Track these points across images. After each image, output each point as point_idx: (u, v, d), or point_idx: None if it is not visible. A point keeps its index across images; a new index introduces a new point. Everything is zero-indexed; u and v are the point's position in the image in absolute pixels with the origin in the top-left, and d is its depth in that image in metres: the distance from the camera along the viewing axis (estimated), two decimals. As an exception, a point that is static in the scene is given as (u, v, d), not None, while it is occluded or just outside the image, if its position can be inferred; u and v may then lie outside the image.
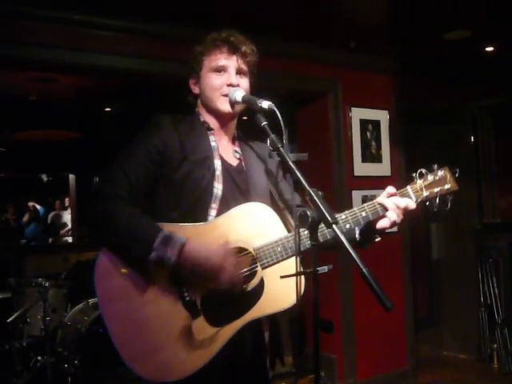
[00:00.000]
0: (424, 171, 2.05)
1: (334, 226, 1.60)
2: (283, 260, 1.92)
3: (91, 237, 2.00)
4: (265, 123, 1.91)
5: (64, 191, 11.37)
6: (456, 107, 6.19)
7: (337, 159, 5.03)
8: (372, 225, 2.01)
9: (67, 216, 11.41)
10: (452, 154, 6.01)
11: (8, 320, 4.79)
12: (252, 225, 1.96)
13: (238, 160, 2.15)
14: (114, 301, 1.87)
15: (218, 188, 2.01)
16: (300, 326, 4.08)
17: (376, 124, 5.24)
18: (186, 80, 2.18)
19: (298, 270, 1.71)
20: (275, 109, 1.87)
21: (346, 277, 4.83)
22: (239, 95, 2.01)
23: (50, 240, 11.13)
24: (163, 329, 1.85)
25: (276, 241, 1.93)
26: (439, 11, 4.15)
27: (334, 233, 1.59)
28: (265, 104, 1.89)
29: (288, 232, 1.98)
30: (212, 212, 1.98)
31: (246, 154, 2.18)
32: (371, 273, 1.50)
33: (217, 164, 2.04)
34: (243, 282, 1.89)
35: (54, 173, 11.58)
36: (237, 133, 2.21)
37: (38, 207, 11.67)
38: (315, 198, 1.65)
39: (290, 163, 1.78)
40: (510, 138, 6.07)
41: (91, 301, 4.82)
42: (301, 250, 1.88)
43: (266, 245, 1.92)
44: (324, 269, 1.64)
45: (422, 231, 6.76)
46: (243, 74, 2.10)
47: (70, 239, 10.82)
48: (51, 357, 4.63)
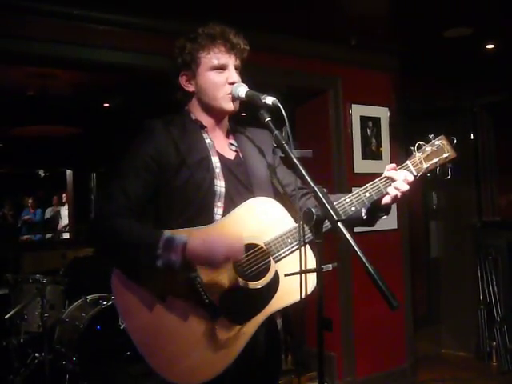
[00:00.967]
0: (421, 143, 2.06)
1: (339, 224, 1.58)
2: (295, 250, 1.92)
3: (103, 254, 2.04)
4: (268, 119, 1.89)
5: (61, 187, 11.35)
6: (456, 105, 6.18)
7: (337, 156, 5.01)
8: (377, 203, 2.03)
9: (64, 212, 11.38)
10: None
11: (5, 316, 4.76)
12: (259, 220, 1.97)
13: (235, 152, 2.14)
14: (135, 313, 1.89)
15: (221, 186, 1.99)
16: (300, 324, 4.07)
17: (376, 121, 5.22)
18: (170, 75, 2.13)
19: (303, 268, 1.69)
20: (279, 104, 1.86)
21: (346, 275, 4.83)
22: (242, 91, 1.99)
23: (48, 236, 11.11)
24: (187, 333, 1.88)
25: (285, 232, 1.94)
26: (440, 8, 4.13)
27: (340, 231, 1.57)
28: (269, 100, 1.88)
29: (295, 221, 1.98)
30: (219, 211, 1.97)
31: (242, 145, 2.16)
32: (377, 271, 1.48)
33: (215, 162, 2.03)
34: (257, 278, 1.91)
35: (52, 168, 11.56)
36: (230, 125, 2.19)
37: (32, 216, 11.65)
38: (320, 195, 1.64)
39: (295, 159, 1.76)
40: (510, 136, 6.06)
41: (89, 297, 4.81)
42: (308, 242, 1.87)
43: (276, 238, 1.93)
44: (329, 267, 1.63)
45: (421, 229, 6.74)
46: (237, 70, 2.08)
47: (68, 235, 10.78)
48: (49, 353, 4.60)
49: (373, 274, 1.46)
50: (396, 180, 1.98)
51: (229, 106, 2.04)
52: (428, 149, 2.05)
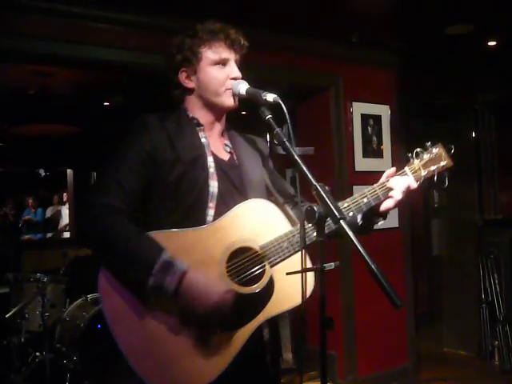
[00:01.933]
0: (419, 150, 2.05)
1: (342, 222, 1.56)
2: (291, 255, 1.87)
3: (93, 253, 1.92)
4: (269, 116, 1.87)
5: (62, 186, 11.34)
6: (457, 102, 6.16)
7: (338, 154, 5.00)
8: (374, 208, 2.00)
9: (65, 211, 11.38)
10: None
11: (6, 315, 4.75)
12: (255, 223, 1.91)
13: (229, 154, 2.10)
14: (122, 317, 1.80)
15: (214, 186, 1.95)
16: (301, 323, 4.06)
17: (377, 119, 5.21)
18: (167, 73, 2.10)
19: (304, 267, 1.67)
20: (280, 101, 1.84)
21: (347, 274, 4.82)
22: (243, 88, 1.97)
23: (49, 235, 11.11)
24: (177, 339, 1.79)
25: (281, 236, 1.88)
26: (441, 5, 4.12)
27: (342, 229, 1.55)
28: (270, 97, 1.86)
29: (292, 224, 1.94)
30: (210, 212, 1.92)
31: (237, 147, 2.12)
32: (380, 269, 1.46)
33: (210, 161, 1.99)
34: (252, 283, 1.84)
35: (52, 167, 11.55)
36: (226, 125, 2.16)
37: (33, 215, 11.64)
38: (322, 193, 1.62)
39: (296, 157, 1.74)
40: (512, 134, 6.05)
41: (90, 296, 4.80)
42: (307, 244, 1.84)
43: (272, 242, 1.87)
44: (331, 265, 1.60)
45: (423, 227, 6.73)
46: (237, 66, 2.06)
47: (68, 234, 10.78)
48: (50, 353, 4.61)
49: (376, 273, 1.44)
50: (394, 189, 1.97)
51: (229, 102, 2.01)
52: (426, 156, 2.04)
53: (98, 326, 4.36)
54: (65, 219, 11.34)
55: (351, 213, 1.93)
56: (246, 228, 1.89)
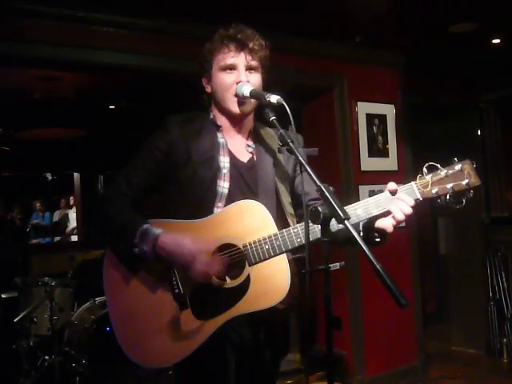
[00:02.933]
0: (434, 164, 1.86)
1: (347, 222, 1.56)
2: (269, 258, 1.92)
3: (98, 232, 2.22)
4: (273, 118, 1.89)
5: (69, 190, 11.38)
6: (462, 101, 6.14)
7: (343, 154, 5.00)
8: (372, 224, 1.94)
9: (72, 215, 11.41)
10: (459, 148, 5.96)
11: (15, 320, 4.77)
12: (246, 222, 1.96)
13: (250, 154, 2.13)
14: (117, 291, 2.02)
15: (224, 186, 2.01)
16: (310, 323, 4.06)
17: (382, 118, 5.20)
18: (198, 78, 2.17)
19: (310, 267, 1.68)
20: (284, 103, 1.86)
21: (354, 273, 4.82)
22: (247, 90, 1.99)
23: (56, 239, 11.14)
24: (154, 318, 1.95)
25: (264, 238, 1.92)
26: (445, 4, 4.11)
27: (347, 229, 1.56)
28: (273, 98, 1.88)
29: (279, 229, 1.96)
30: (218, 211, 2.00)
31: (260, 148, 2.15)
32: (385, 269, 1.47)
33: (224, 162, 2.04)
34: (231, 278, 1.94)
35: (59, 171, 11.59)
36: (254, 126, 2.18)
37: (41, 220, 11.68)
38: (326, 194, 1.63)
39: (300, 158, 1.76)
40: (517, 131, 6.04)
41: (98, 299, 4.81)
42: (296, 246, 1.89)
43: (255, 242, 1.93)
44: (336, 265, 1.62)
45: (430, 226, 6.72)
46: (253, 70, 2.08)
47: (76, 238, 10.82)
48: (59, 356, 4.62)
49: (380, 273, 1.45)
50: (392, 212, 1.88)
51: (235, 109, 2.05)
52: (443, 172, 1.85)
53: (107, 329, 4.37)
54: (72, 223, 11.38)
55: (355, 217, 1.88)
56: (236, 226, 1.96)
